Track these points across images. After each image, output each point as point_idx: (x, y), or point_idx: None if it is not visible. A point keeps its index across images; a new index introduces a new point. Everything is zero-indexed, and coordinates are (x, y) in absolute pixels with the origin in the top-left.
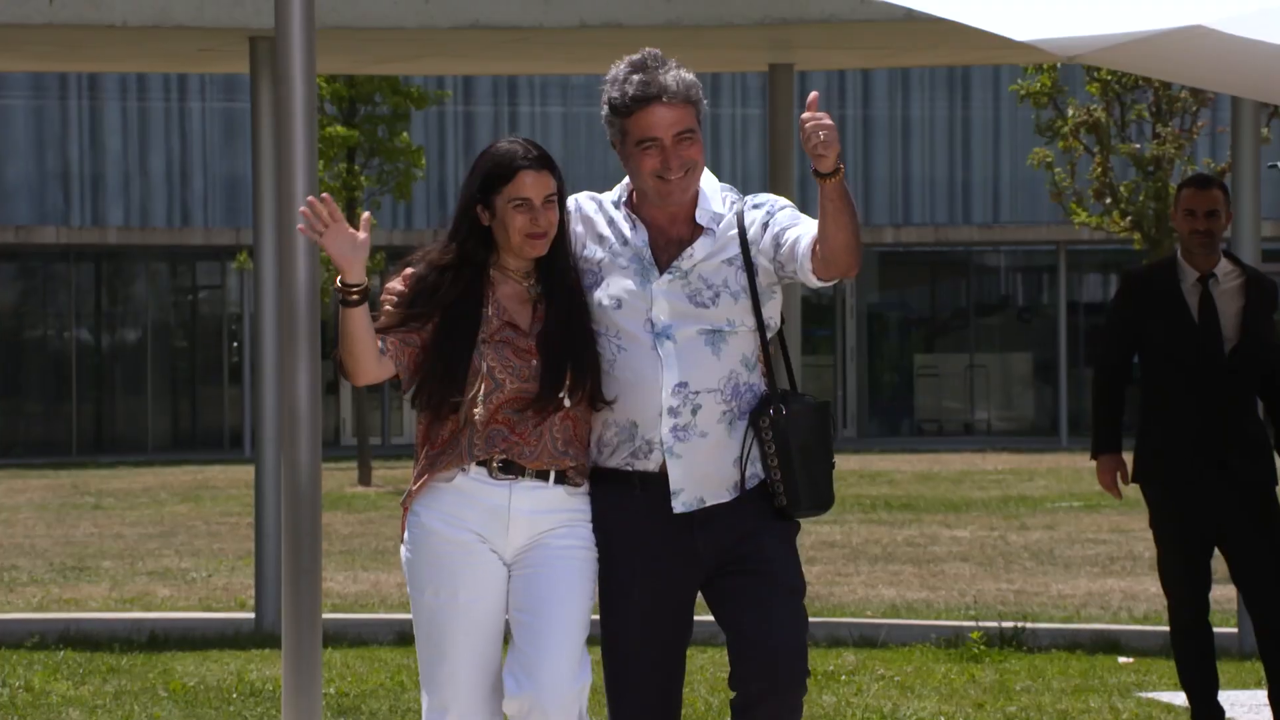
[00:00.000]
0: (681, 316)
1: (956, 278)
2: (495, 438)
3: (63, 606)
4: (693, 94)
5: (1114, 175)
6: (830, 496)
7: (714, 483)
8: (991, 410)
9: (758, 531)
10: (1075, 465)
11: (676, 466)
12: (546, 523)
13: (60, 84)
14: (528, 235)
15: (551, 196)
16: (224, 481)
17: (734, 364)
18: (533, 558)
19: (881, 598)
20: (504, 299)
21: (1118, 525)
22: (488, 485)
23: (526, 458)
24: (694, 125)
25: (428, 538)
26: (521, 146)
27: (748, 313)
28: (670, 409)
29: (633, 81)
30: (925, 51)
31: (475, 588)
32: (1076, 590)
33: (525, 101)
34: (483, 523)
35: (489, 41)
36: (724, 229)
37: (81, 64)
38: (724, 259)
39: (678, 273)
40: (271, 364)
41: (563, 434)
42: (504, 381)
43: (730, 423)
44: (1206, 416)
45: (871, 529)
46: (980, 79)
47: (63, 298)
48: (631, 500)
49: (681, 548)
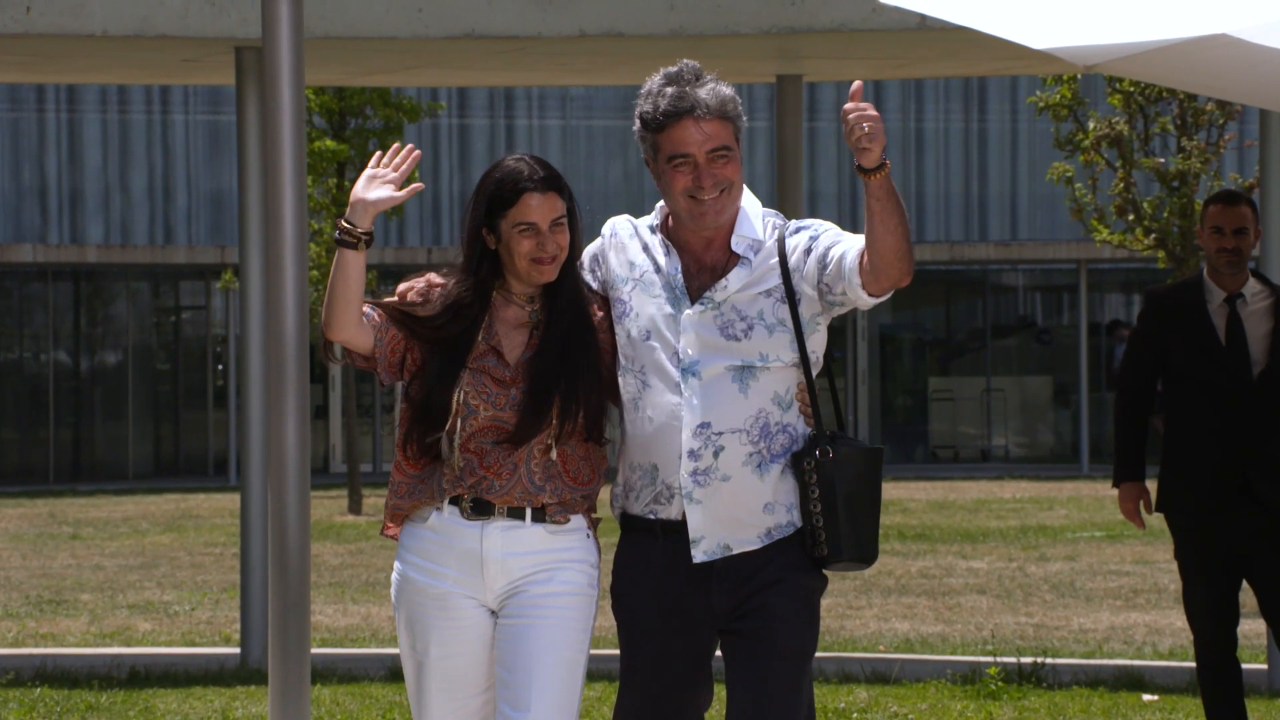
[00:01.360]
0: (711, 350)
1: (972, 298)
2: (465, 470)
3: (39, 641)
4: (729, 109)
5: (1137, 191)
6: (874, 550)
7: (740, 528)
8: (1009, 436)
9: (771, 585)
10: (1097, 493)
11: (696, 513)
12: (524, 566)
13: (38, 96)
14: (534, 261)
15: (560, 219)
16: (208, 510)
17: (763, 402)
18: (513, 607)
19: (895, 632)
20: (499, 324)
21: (1141, 556)
22: (461, 526)
23: (496, 493)
24: (730, 143)
25: (406, 588)
26: (528, 166)
27: (785, 347)
28: (690, 451)
29: (666, 95)
30: (939, 61)
31: (450, 643)
32: (1099, 624)
33: (522, 114)
34: (460, 568)
35: (485, 51)
36: (762, 258)
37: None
38: (761, 290)
39: (710, 304)
40: (258, 388)
41: (542, 469)
42: (478, 408)
43: (759, 465)
44: (1233, 442)
45: (884, 560)
46: (997, 90)
47: (40, 319)
48: (654, 552)
49: (698, 603)
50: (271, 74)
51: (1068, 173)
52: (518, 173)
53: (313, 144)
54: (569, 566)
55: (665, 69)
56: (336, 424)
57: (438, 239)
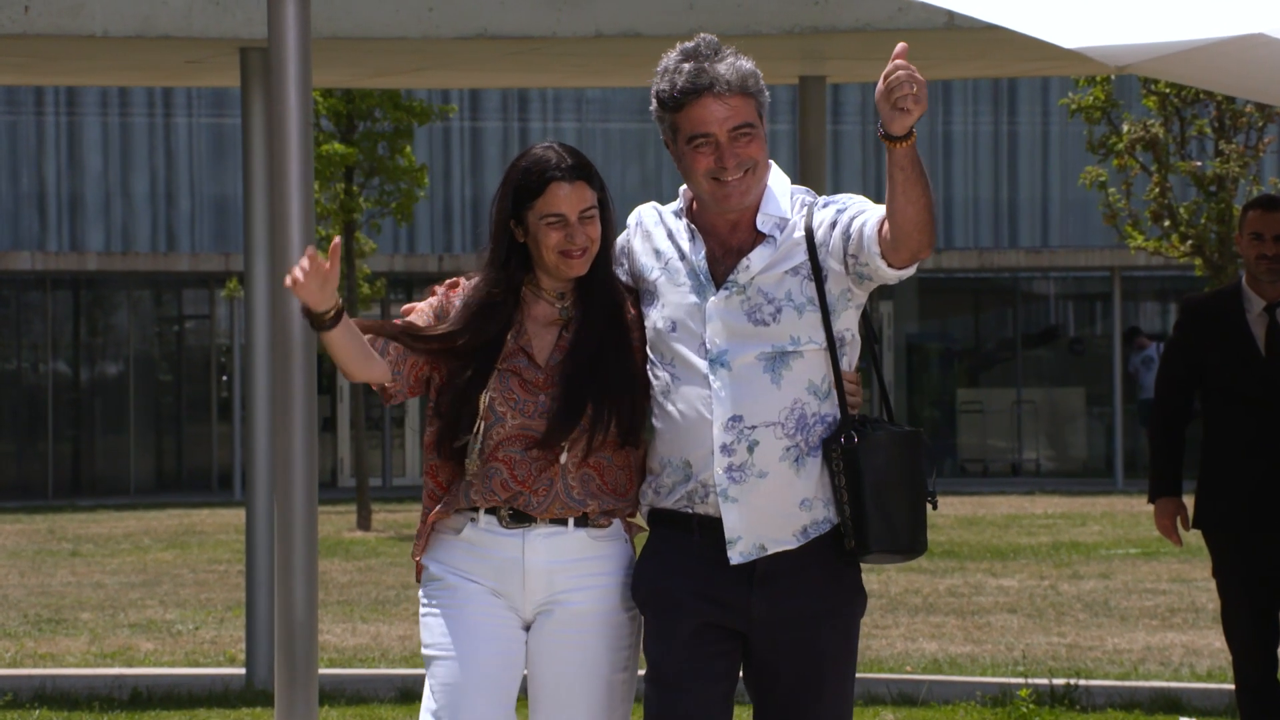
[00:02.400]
0: (739, 338)
1: (1002, 306)
2: (492, 477)
3: (38, 662)
4: (751, 84)
5: (1173, 196)
6: (909, 540)
7: (777, 527)
8: (1040, 450)
9: (820, 618)
10: (1132, 509)
11: (732, 511)
12: (566, 576)
13: (36, 98)
14: (562, 254)
15: (590, 210)
16: (212, 526)
17: (798, 392)
18: (548, 624)
19: (922, 652)
20: (529, 321)
21: (1178, 574)
22: (498, 536)
23: (535, 509)
24: (754, 120)
25: (440, 590)
26: (555, 154)
27: (815, 327)
28: (724, 446)
29: (683, 71)
30: (968, 62)
31: (493, 643)
32: (1134, 644)
33: (537, 117)
34: (497, 577)
35: (498, 52)
36: (788, 235)
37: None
38: (787, 269)
39: (735, 287)
40: (263, 400)
41: (579, 482)
42: (504, 415)
43: (797, 459)
44: (1273, 456)
45: (911, 577)
46: (1028, 92)
47: (38, 328)
48: (690, 544)
49: (738, 601)
50: (278, 75)
51: (1101, 177)
52: (545, 161)
53: (320, 148)
54: (608, 576)
55: (682, 44)
56: (345, 436)
57: (449, 246)
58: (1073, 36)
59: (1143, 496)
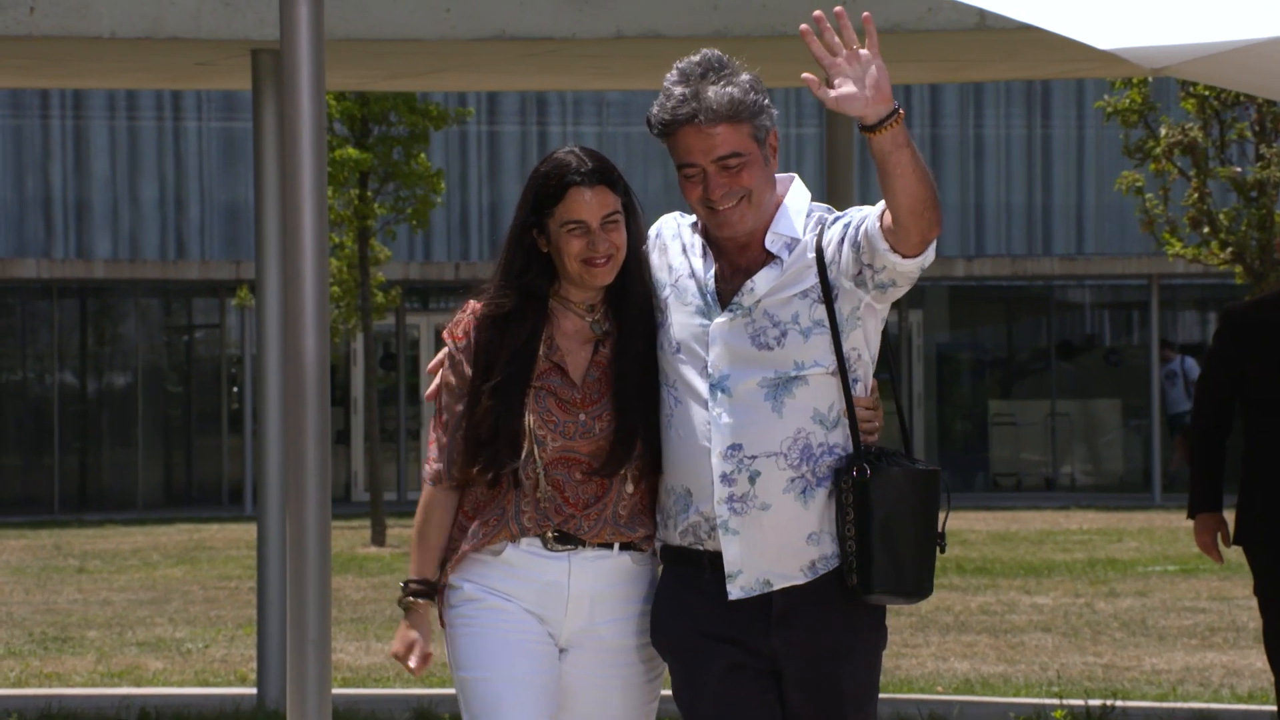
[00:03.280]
0: (742, 363)
1: (1036, 316)
2: (549, 505)
3: (44, 681)
4: (742, 110)
5: (1212, 201)
6: (914, 584)
7: (782, 561)
8: (1076, 463)
9: (840, 656)
10: (1170, 525)
11: (733, 544)
12: (607, 602)
13: (42, 101)
14: (584, 262)
15: (613, 215)
16: (223, 542)
17: (802, 420)
18: (583, 656)
19: (954, 672)
20: (560, 337)
21: (1218, 592)
22: (542, 558)
23: (585, 532)
24: (743, 148)
25: (471, 606)
26: (575, 158)
27: (824, 351)
28: (724, 476)
29: (671, 96)
30: (1000, 64)
31: (532, 660)
32: (1172, 665)
33: (556, 120)
34: (539, 601)
35: (516, 54)
36: (796, 256)
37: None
38: (796, 292)
39: (739, 310)
40: (275, 411)
41: (629, 509)
42: (545, 439)
43: (804, 491)
44: None
45: (942, 595)
46: (1062, 94)
47: (44, 338)
48: (703, 582)
49: (758, 644)
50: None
51: (1138, 182)
52: (564, 166)
53: (334, 152)
54: (644, 604)
55: (683, 62)
56: (359, 449)
57: (465, 253)
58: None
59: (1181, 511)
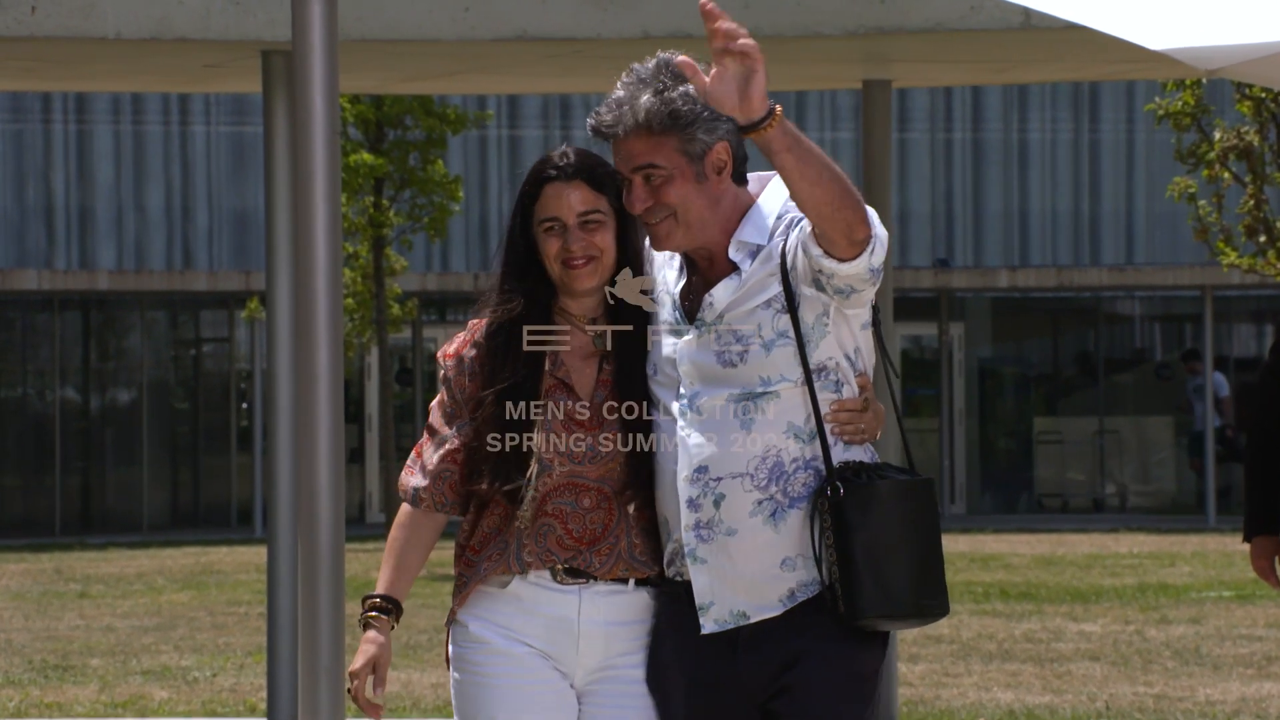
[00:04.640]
0: (710, 381)
1: (1083, 328)
2: (546, 536)
3: (44, 711)
4: (662, 123)
5: (1269, 209)
6: (911, 605)
7: (755, 591)
8: (1125, 483)
9: (806, 656)
10: (1225, 548)
11: (701, 574)
12: (623, 639)
13: (44, 105)
14: (563, 264)
15: (593, 214)
16: (231, 565)
17: (774, 437)
18: (603, 694)
19: (997, 702)
20: (563, 352)
21: (1276, 619)
22: (552, 592)
23: (596, 569)
24: (660, 161)
25: (478, 652)
26: (560, 154)
27: (790, 363)
28: (689, 501)
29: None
30: (1046, 65)
31: (543, 711)
32: (1227, 695)
33: (579, 124)
34: (547, 637)
35: (538, 55)
36: (758, 265)
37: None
38: (759, 302)
39: (704, 326)
40: (286, 429)
41: (643, 540)
42: (551, 463)
43: (774, 514)
44: None
45: (985, 622)
46: (1111, 97)
47: (46, 352)
48: (681, 618)
49: (725, 676)
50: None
51: (1190, 189)
52: (544, 161)
53: (348, 158)
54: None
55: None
56: (374, 468)
57: (485, 263)
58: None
59: (1237, 534)
